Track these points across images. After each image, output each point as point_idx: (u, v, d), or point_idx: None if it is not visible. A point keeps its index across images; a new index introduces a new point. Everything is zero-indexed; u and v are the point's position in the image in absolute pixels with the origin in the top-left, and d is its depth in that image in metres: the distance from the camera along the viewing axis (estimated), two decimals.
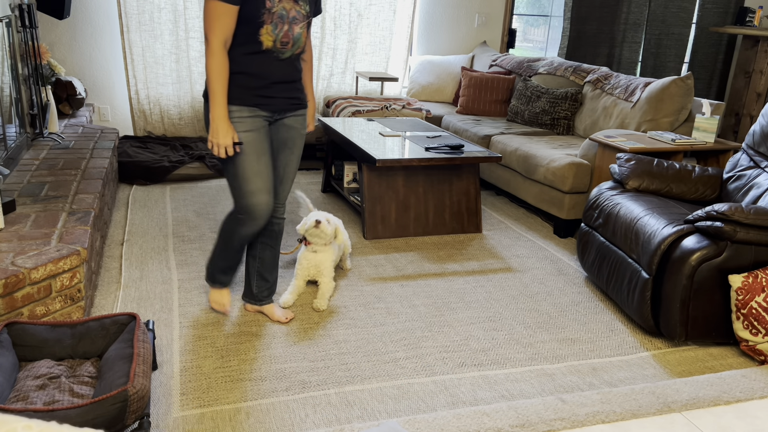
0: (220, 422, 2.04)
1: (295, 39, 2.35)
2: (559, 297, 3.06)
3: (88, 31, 4.93)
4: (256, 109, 2.37)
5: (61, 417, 1.68)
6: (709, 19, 6.57)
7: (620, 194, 3.08)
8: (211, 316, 2.69)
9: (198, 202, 4.11)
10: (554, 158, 3.83)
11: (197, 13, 5.02)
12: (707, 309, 2.57)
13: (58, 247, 2.42)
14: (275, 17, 2.27)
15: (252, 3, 2.22)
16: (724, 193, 3.16)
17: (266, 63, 2.34)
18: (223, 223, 2.54)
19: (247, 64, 2.31)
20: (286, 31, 2.31)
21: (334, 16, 5.36)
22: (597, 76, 4.63)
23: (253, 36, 2.27)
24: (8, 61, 3.38)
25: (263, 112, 2.39)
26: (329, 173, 4.39)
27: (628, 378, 2.41)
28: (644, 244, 2.70)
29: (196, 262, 3.20)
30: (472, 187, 3.82)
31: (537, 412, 2.11)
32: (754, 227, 2.49)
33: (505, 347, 2.59)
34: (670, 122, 3.99)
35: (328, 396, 2.20)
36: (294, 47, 2.37)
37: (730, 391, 2.29)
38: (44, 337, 2.11)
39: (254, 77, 2.33)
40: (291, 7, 2.31)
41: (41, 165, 3.44)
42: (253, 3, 2.22)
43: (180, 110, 5.21)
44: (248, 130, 2.35)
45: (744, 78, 6.25)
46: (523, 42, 6.75)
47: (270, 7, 2.25)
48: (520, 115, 4.91)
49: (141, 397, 1.80)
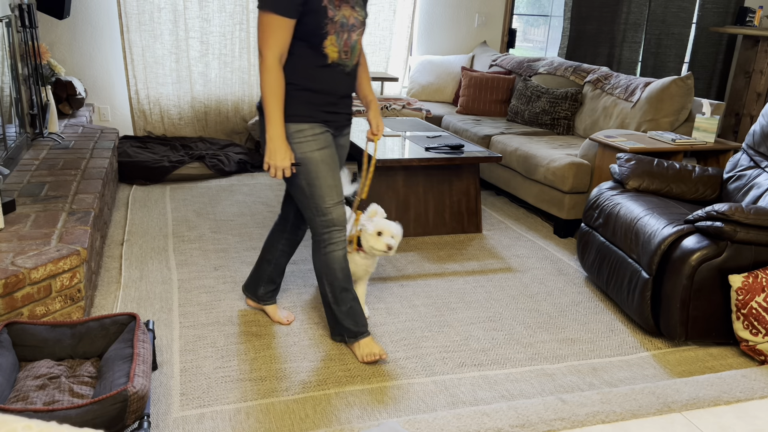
0: (220, 422, 2.04)
1: (352, 47, 2.21)
2: (559, 297, 3.06)
3: (88, 31, 4.93)
4: (324, 125, 2.25)
5: (61, 417, 1.68)
6: (709, 19, 6.57)
7: (620, 194, 3.08)
8: (211, 315, 2.69)
9: (198, 202, 4.11)
10: (554, 158, 3.83)
11: (197, 13, 5.02)
12: (707, 309, 2.57)
13: (58, 247, 2.42)
14: (338, 26, 2.13)
15: (313, 14, 2.08)
16: (724, 193, 3.16)
17: (333, 77, 2.21)
18: (318, 270, 2.37)
19: (314, 79, 2.18)
20: (345, 40, 2.17)
21: None
22: (597, 76, 4.63)
23: (318, 49, 2.13)
24: (8, 61, 3.38)
25: (331, 129, 2.29)
26: None
27: (628, 378, 2.41)
28: (644, 244, 2.70)
29: (196, 262, 3.20)
30: (472, 187, 3.82)
31: (537, 412, 2.11)
32: (755, 227, 2.49)
33: (505, 347, 2.59)
34: (670, 122, 3.99)
35: (329, 396, 2.20)
36: (353, 56, 2.23)
37: (731, 391, 2.29)
38: (44, 337, 2.11)
39: (322, 93, 2.20)
40: (350, 14, 2.16)
41: (41, 165, 3.44)
42: (314, 14, 2.08)
43: (180, 110, 5.21)
44: (323, 147, 2.23)
45: (744, 78, 6.25)
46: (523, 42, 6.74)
47: (332, 17, 2.10)
48: (520, 115, 4.91)
49: (141, 397, 1.80)
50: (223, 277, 3.05)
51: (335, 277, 2.35)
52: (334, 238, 2.32)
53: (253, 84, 5.31)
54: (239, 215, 3.91)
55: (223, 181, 4.57)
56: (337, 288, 2.37)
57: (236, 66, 5.23)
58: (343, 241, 2.34)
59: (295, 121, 2.21)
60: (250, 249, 3.40)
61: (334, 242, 2.32)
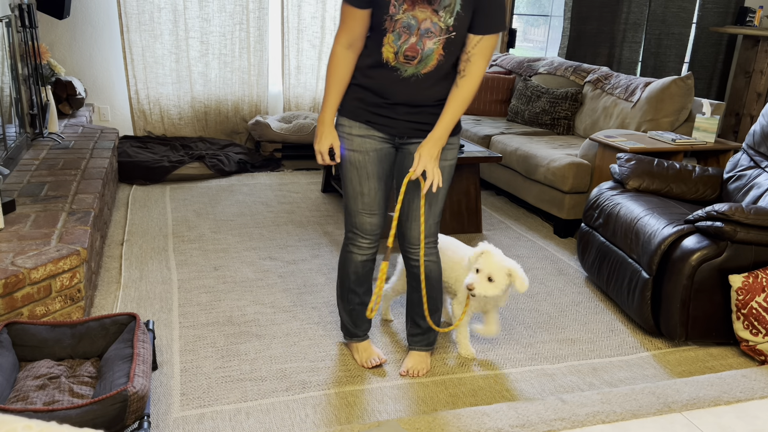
0: (220, 422, 2.03)
1: (424, 55, 1.97)
2: (559, 297, 3.06)
3: (88, 31, 4.93)
4: (369, 127, 2.12)
5: (61, 417, 1.68)
6: (709, 19, 6.57)
7: (620, 194, 3.08)
8: (211, 315, 2.69)
9: (198, 202, 4.11)
10: (554, 158, 3.83)
11: (197, 12, 5.02)
12: (707, 309, 2.57)
13: (58, 247, 2.42)
14: (398, 26, 1.95)
15: (377, 7, 1.95)
16: (725, 193, 3.16)
17: (386, 79, 2.04)
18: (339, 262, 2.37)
19: (366, 76, 2.07)
20: (413, 44, 1.96)
21: (334, 16, 5.35)
22: (597, 76, 4.63)
23: (377, 46, 2.01)
24: (8, 61, 3.37)
25: (380, 133, 2.13)
26: (329, 173, 4.39)
27: (628, 378, 2.41)
28: (644, 244, 2.70)
29: (196, 262, 3.20)
30: (472, 187, 3.81)
31: (537, 412, 2.10)
32: (755, 227, 2.49)
33: (505, 347, 2.59)
34: (670, 122, 3.99)
35: (329, 396, 2.20)
36: (420, 65, 1.99)
37: (731, 391, 2.29)
38: (44, 337, 2.10)
39: (370, 93, 2.08)
40: (426, 17, 1.93)
41: (41, 165, 3.44)
42: (378, 7, 1.95)
43: (180, 110, 5.21)
44: (353, 150, 2.13)
45: (744, 78, 6.25)
46: (523, 42, 6.74)
47: (393, 14, 1.94)
48: (520, 114, 4.91)
49: (141, 397, 1.80)
50: (223, 277, 3.05)
51: (347, 277, 2.34)
52: (356, 241, 2.26)
53: (253, 84, 5.31)
54: (239, 215, 3.91)
55: (223, 181, 4.57)
56: (345, 288, 2.37)
57: (236, 66, 5.23)
58: (366, 248, 2.27)
59: (339, 113, 2.17)
60: (250, 249, 3.40)
61: (356, 245, 2.27)
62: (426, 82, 2.04)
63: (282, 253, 3.37)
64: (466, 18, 1.94)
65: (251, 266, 3.19)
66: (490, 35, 1.97)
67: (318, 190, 4.48)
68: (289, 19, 5.25)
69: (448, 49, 1.98)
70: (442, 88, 2.07)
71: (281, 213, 3.99)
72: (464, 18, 1.94)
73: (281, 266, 3.21)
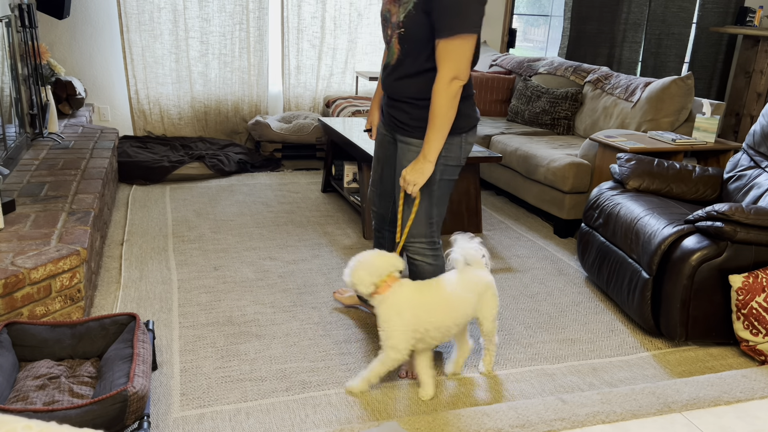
0: (220, 422, 2.03)
1: (392, 45, 2.08)
2: (559, 297, 3.06)
3: (88, 31, 4.93)
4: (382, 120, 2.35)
5: (60, 417, 1.68)
6: (709, 19, 6.57)
7: (620, 194, 3.07)
8: (211, 315, 2.69)
9: (198, 202, 4.11)
10: (554, 158, 3.83)
11: (197, 12, 5.01)
12: (707, 309, 2.57)
13: (58, 247, 2.42)
14: (382, 19, 2.11)
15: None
16: (725, 193, 3.16)
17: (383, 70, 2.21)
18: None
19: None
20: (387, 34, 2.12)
21: (334, 15, 5.35)
22: (597, 76, 4.63)
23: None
24: (8, 61, 3.37)
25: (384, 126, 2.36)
26: (329, 173, 4.39)
27: (628, 378, 2.41)
28: (644, 244, 2.70)
29: (196, 262, 3.20)
30: (472, 187, 3.81)
31: (537, 412, 2.10)
32: (755, 227, 2.48)
33: (505, 347, 2.59)
34: (670, 122, 3.98)
35: (329, 396, 2.20)
36: (390, 56, 2.10)
37: (731, 391, 2.29)
38: (44, 337, 2.10)
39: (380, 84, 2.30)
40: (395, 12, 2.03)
41: (41, 165, 3.44)
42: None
43: (180, 110, 5.20)
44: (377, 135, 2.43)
45: (744, 78, 6.25)
46: (523, 42, 6.74)
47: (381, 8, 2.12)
48: (521, 115, 4.91)
49: (141, 397, 1.80)
50: (223, 277, 3.05)
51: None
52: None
53: (253, 84, 5.31)
54: (239, 215, 3.91)
55: (223, 181, 4.57)
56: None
57: (236, 66, 5.23)
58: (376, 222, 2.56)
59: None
60: (249, 249, 3.40)
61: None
62: (394, 74, 2.12)
63: (282, 253, 3.37)
64: (417, 17, 1.93)
65: (251, 266, 3.19)
66: (443, 39, 1.90)
67: (318, 190, 4.48)
68: (289, 19, 5.25)
69: (403, 45, 2.02)
70: (411, 85, 2.06)
71: (281, 213, 3.99)
72: (415, 17, 1.93)
73: (281, 266, 3.21)
